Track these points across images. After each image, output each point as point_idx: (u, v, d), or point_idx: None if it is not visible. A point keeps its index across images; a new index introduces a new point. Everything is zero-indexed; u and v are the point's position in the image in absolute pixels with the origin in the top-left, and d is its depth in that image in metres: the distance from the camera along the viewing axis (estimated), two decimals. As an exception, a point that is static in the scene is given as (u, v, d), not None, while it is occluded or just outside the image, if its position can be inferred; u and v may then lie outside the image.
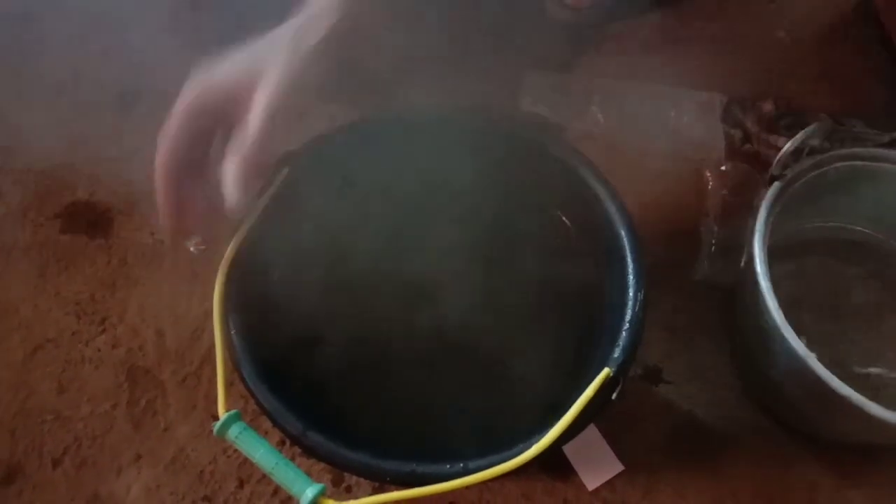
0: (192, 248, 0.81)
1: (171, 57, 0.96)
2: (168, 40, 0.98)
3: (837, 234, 0.79)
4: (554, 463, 0.70)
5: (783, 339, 0.61)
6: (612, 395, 0.52)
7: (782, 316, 0.62)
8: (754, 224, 0.67)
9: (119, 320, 0.77)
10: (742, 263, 0.71)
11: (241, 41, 0.47)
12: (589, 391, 0.50)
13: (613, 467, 0.70)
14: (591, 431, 0.72)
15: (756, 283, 0.64)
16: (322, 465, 0.69)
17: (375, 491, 0.69)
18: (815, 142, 0.70)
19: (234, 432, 0.50)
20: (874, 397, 0.72)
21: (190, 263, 0.80)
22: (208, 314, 0.77)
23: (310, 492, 0.46)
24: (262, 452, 0.49)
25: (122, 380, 0.74)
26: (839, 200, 0.75)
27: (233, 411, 0.51)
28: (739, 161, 0.86)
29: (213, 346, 0.75)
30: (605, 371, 0.52)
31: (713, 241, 0.81)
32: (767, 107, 0.89)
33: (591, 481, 0.70)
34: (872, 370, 0.74)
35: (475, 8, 0.95)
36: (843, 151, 0.71)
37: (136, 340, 0.76)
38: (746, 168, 0.85)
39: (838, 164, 0.71)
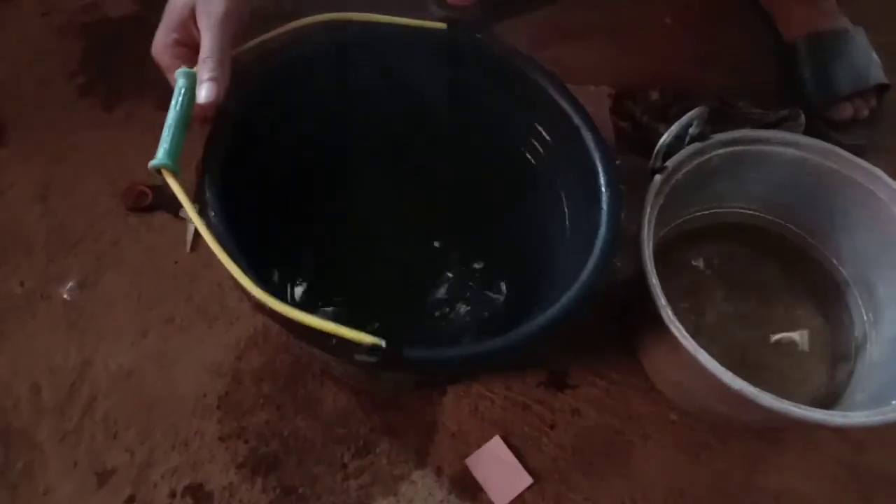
0: (65, 295, 0.77)
1: (37, 89, 0.91)
2: (34, 70, 0.93)
3: (728, 218, 0.79)
4: (460, 481, 0.68)
5: (675, 338, 0.60)
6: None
7: (670, 313, 0.60)
8: (640, 219, 0.66)
9: (-10, 379, 0.72)
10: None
11: None
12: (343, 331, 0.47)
13: (522, 481, 0.68)
14: (497, 445, 0.70)
15: (645, 281, 0.63)
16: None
17: None
18: (694, 130, 0.69)
19: (182, 83, 0.54)
20: (779, 374, 0.73)
21: (64, 312, 0.75)
22: (87, 363, 0.73)
23: (159, 159, 0.51)
24: (172, 113, 0.53)
25: (-5, 444, 0.69)
26: (726, 185, 0.75)
27: (191, 70, 0.54)
28: (632, 153, 0.85)
29: (92, 398, 0.71)
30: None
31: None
32: (654, 95, 0.88)
33: (501, 497, 0.67)
34: (768, 351, 0.74)
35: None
36: (724, 137, 0.70)
37: (9, 399, 0.71)
38: (638, 160, 0.84)
39: (720, 151, 0.71)
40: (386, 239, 0.75)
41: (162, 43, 0.56)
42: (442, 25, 0.64)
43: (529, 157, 0.70)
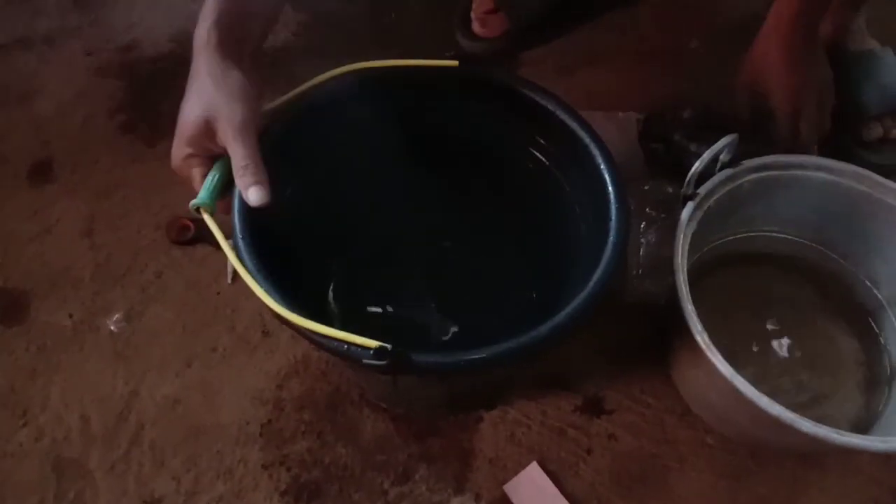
0: (112, 327, 0.79)
1: (82, 127, 0.95)
2: (78, 109, 0.96)
3: (762, 242, 0.79)
4: (500, 508, 0.69)
5: (711, 363, 0.60)
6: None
7: (706, 338, 0.61)
8: (674, 245, 0.67)
9: (41, 410, 0.74)
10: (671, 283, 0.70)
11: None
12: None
13: (561, 506, 0.69)
14: (535, 471, 0.70)
15: (680, 307, 0.63)
16: None
17: None
18: (725, 156, 0.70)
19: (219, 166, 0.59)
20: (816, 397, 0.72)
21: (111, 343, 0.78)
22: (134, 393, 0.75)
23: (200, 198, 0.56)
24: (214, 171, 0.58)
25: (47, 472, 0.71)
26: (758, 210, 0.75)
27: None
28: (661, 176, 0.86)
29: (140, 426, 0.73)
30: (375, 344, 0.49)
31: (639, 262, 0.80)
32: (687, 114, 0.88)
33: (540, 524, 0.68)
34: (803, 374, 0.74)
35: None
36: (755, 163, 0.71)
37: (61, 429, 0.73)
38: (669, 184, 0.85)
39: (751, 177, 0.71)
40: (413, 250, 0.79)
41: (179, 157, 0.59)
42: (454, 63, 0.67)
43: (543, 172, 0.72)
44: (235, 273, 0.81)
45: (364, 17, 1.06)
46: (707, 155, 0.68)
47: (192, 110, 0.57)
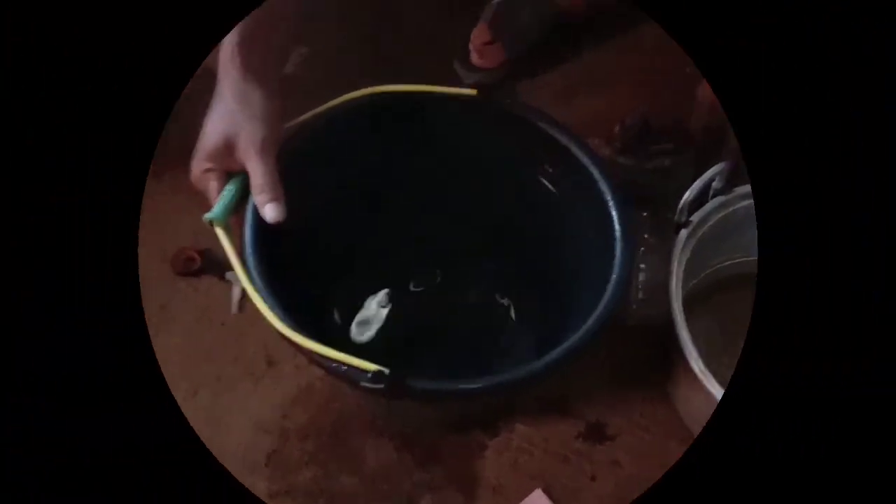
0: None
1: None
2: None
3: (755, 268, 0.80)
4: (503, 536, 0.70)
5: (708, 391, 0.61)
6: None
7: (702, 365, 0.62)
8: (669, 273, 0.68)
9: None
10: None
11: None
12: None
13: (564, 533, 0.69)
14: (539, 498, 0.71)
15: (677, 333, 0.64)
16: None
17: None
18: (718, 184, 0.71)
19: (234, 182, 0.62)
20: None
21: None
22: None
23: (213, 213, 0.58)
24: (230, 187, 0.61)
25: None
26: (753, 236, 0.76)
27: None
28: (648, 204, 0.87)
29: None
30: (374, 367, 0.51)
31: (638, 287, 0.81)
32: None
33: (543, 551, 0.69)
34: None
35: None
36: (748, 189, 0.72)
37: (69, 461, 0.74)
38: (665, 210, 0.86)
39: (745, 203, 0.73)
40: (416, 274, 0.82)
41: (198, 170, 0.62)
42: (473, 92, 0.68)
43: (550, 201, 0.73)
44: (240, 303, 0.83)
45: (363, 50, 1.08)
46: (697, 183, 0.69)
47: (214, 127, 0.60)
